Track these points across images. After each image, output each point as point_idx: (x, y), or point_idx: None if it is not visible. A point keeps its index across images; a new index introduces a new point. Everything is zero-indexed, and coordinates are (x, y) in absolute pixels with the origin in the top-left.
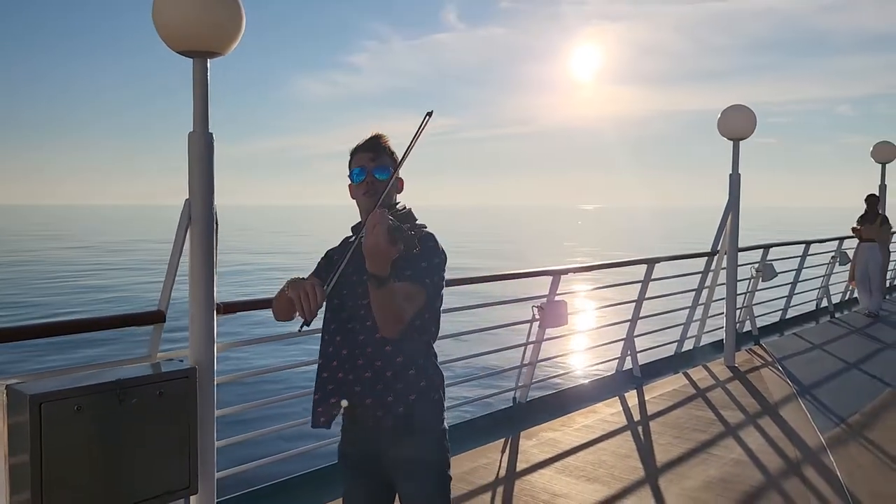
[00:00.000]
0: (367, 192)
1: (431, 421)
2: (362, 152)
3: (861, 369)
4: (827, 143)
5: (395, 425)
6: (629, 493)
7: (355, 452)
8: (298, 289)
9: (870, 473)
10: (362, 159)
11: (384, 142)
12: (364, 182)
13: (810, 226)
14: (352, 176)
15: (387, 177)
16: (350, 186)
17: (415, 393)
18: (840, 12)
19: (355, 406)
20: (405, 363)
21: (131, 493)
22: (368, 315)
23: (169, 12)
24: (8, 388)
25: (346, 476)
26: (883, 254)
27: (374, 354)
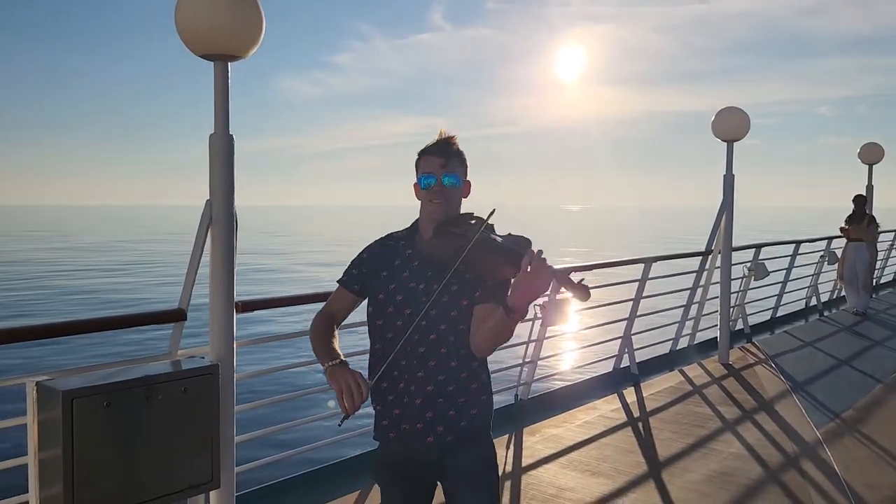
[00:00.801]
0: (435, 199)
1: (488, 434)
2: (432, 156)
3: (852, 366)
4: (807, 144)
5: (456, 440)
6: (634, 486)
7: (404, 462)
8: (341, 382)
9: (866, 466)
10: (432, 164)
11: (455, 145)
12: (433, 189)
13: (792, 226)
14: (420, 181)
15: (457, 184)
16: (415, 187)
17: (476, 407)
18: (819, 15)
19: (415, 420)
20: (469, 378)
21: (157, 488)
22: (432, 327)
23: (191, 17)
24: (38, 384)
25: (388, 482)
26: (870, 253)
27: (437, 368)
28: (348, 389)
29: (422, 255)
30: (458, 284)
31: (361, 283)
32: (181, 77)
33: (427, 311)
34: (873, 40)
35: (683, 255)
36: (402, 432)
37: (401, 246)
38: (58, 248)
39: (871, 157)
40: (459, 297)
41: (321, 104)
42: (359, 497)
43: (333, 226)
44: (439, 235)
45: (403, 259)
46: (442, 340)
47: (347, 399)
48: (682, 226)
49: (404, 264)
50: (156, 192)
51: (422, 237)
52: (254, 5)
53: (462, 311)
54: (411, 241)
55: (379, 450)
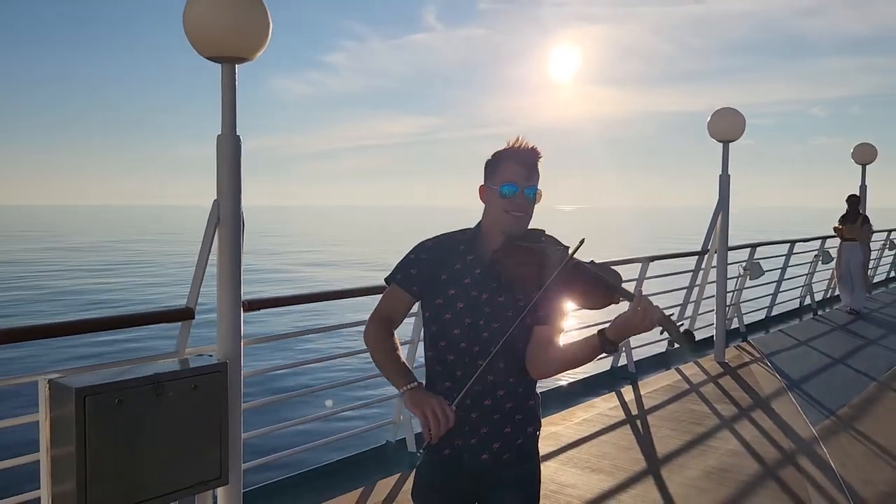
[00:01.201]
0: (517, 211)
1: (536, 450)
2: (517, 165)
3: (847, 364)
4: (801, 144)
5: (510, 457)
6: (633, 482)
7: (451, 478)
8: (426, 409)
9: (861, 462)
10: (516, 173)
11: (540, 158)
12: (515, 201)
13: (787, 226)
14: (501, 188)
15: (534, 196)
16: (484, 190)
17: (532, 425)
18: (814, 16)
19: (469, 436)
20: (525, 393)
21: (166, 484)
22: (493, 341)
23: (199, 20)
24: (51, 382)
25: (426, 490)
26: (864, 252)
27: (496, 383)
28: (434, 417)
29: (485, 264)
30: (525, 301)
31: (421, 283)
32: (177, 75)
33: (490, 324)
34: (870, 41)
35: (680, 254)
36: (456, 448)
37: (461, 249)
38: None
39: (864, 158)
40: (523, 312)
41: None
42: (362, 493)
43: (328, 226)
44: (516, 248)
45: (464, 264)
46: (501, 357)
47: (434, 427)
48: (676, 226)
49: (465, 270)
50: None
51: (487, 244)
52: (260, 8)
53: (523, 328)
54: (473, 247)
55: (423, 464)
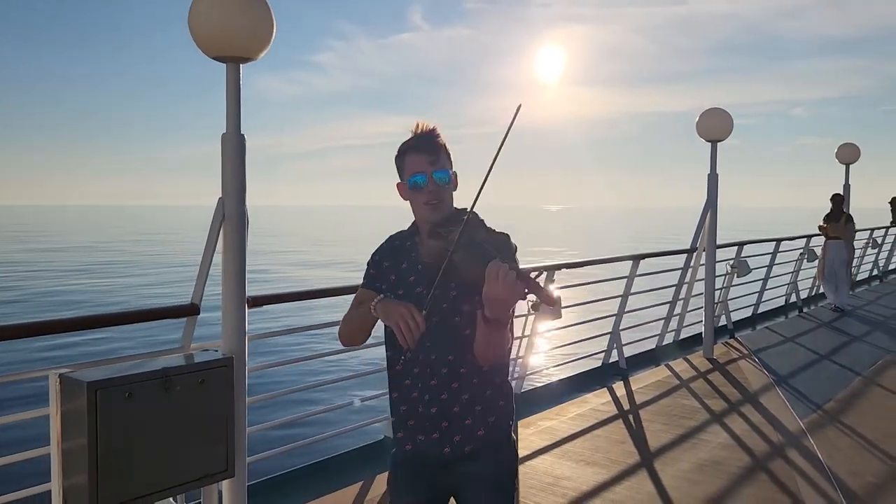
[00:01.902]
0: (431, 201)
1: (507, 439)
2: (417, 154)
3: (832, 360)
4: (785, 144)
5: (474, 449)
6: (628, 475)
7: (419, 473)
8: (397, 317)
9: (848, 454)
10: (419, 163)
11: (440, 137)
12: (425, 190)
13: (772, 226)
14: (409, 182)
15: (448, 180)
16: (401, 187)
17: (494, 414)
18: (796, 18)
19: (430, 430)
20: (481, 384)
21: (175, 476)
22: (442, 333)
23: (205, 20)
24: (62, 376)
25: (400, 486)
26: (848, 251)
27: (449, 376)
28: (405, 323)
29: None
30: (458, 289)
31: (380, 282)
32: (170, 75)
33: (429, 318)
34: (849, 43)
35: (669, 252)
36: (419, 444)
37: (407, 247)
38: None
39: (848, 158)
40: (459, 302)
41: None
42: (362, 487)
43: (316, 225)
44: (433, 238)
45: (409, 262)
46: (450, 348)
47: (407, 333)
48: (660, 226)
49: (410, 268)
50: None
51: (422, 238)
52: (265, 8)
53: (465, 316)
54: (414, 243)
55: (394, 460)
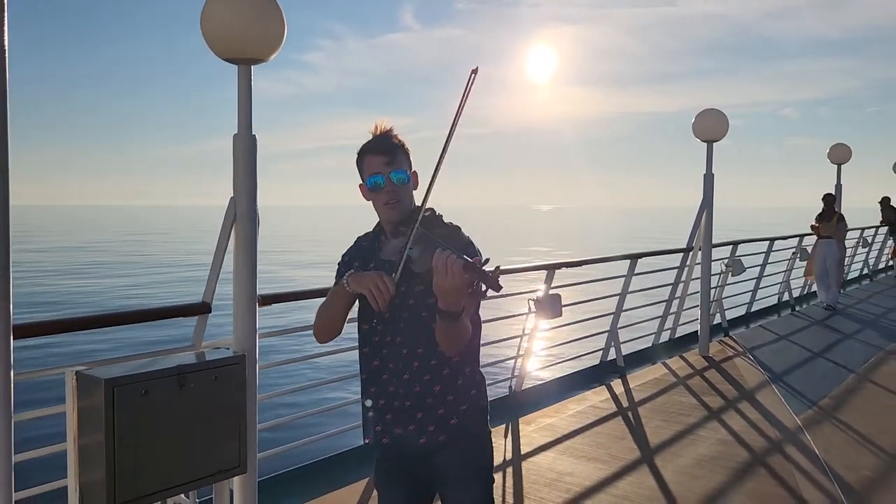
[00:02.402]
0: (390, 201)
1: (481, 427)
2: (374, 155)
3: (825, 357)
4: (775, 145)
5: (448, 438)
6: (629, 470)
7: (399, 465)
8: (368, 282)
9: (844, 449)
10: (376, 164)
11: (396, 137)
12: (384, 191)
13: (760, 227)
14: (368, 183)
15: (406, 179)
16: (362, 188)
17: (465, 403)
18: (784, 19)
19: (406, 423)
20: (452, 374)
21: (190, 472)
22: (410, 328)
23: (217, 23)
24: (78, 373)
25: (384, 482)
26: (840, 250)
27: (421, 368)
28: (377, 287)
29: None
30: (423, 284)
31: None
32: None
33: (402, 313)
34: (838, 44)
35: (666, 251)
36: (395, 436)
37: (374, 248)
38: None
39: (839, 158)
40: (426, 297)
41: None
42: (367, 484)
43: (306, 225)
44: (395, 237)
45: (377, 261)
46: (419, 342)
47: (378, 296)
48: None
49: (377, 267)
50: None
51: (387, 238)
52: (276, 11)
53: (431, 310)
54: (380, 243)
55: (378, 454)
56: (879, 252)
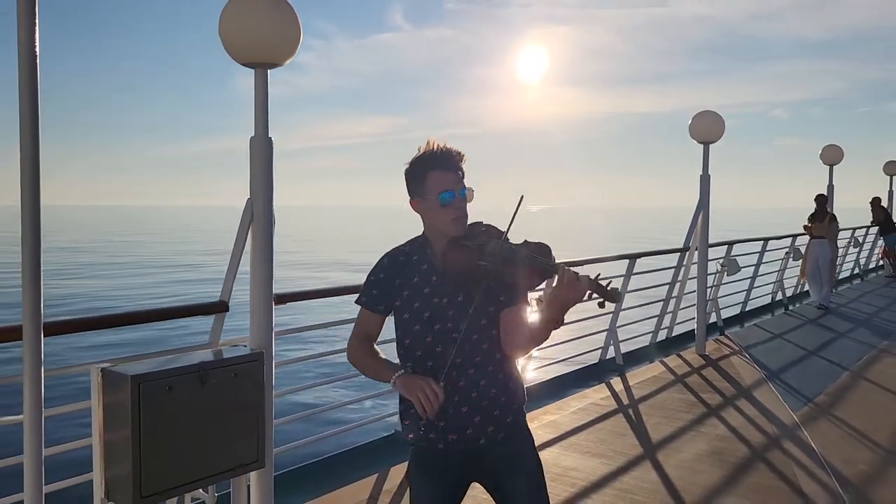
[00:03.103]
0: (459, 217)
1: (525, 422)
2: (445, 171)
3: (819, 356)
4: (765, 145)
5: (504, 436)
6: (632, 465)
7: (445, 459)
8: (416, 390)
9: (841, 444)
10: (447, 181)
11: (461, 156)
12: (453, 207)
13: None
14: (440, 199)
15: (470, 194)
16: (418, 202)
17: (516, 402)
18: (772, 20)
19: (464, 427)
20: (504, 377)
21: (211, 466)
22: (466, 338)
23: (235, 28)
24: (104, 370)
25: (425, 478)
26: (832, 249)
27: (477, 375)
28: (425, 396)
29: (438, 270)
30: (483, 293)
31: (384, 302)
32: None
33: (453, 324)
34: (827, 45)
35: (663, 251)
36: (451, 441)
37: (414, 261)
38: None
39: (831, 159)
40: (486, 306)
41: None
42: (378, 479)
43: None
44: (458, 249)
45: (421, 275)
46: (476, 349)
47: (427, 405)
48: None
49: (423, 280)
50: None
51: (434, 251)
52: (292, 16)
53: (490, 318)
54: (424, 256)
55: (418, 453)
56: (870, 252)
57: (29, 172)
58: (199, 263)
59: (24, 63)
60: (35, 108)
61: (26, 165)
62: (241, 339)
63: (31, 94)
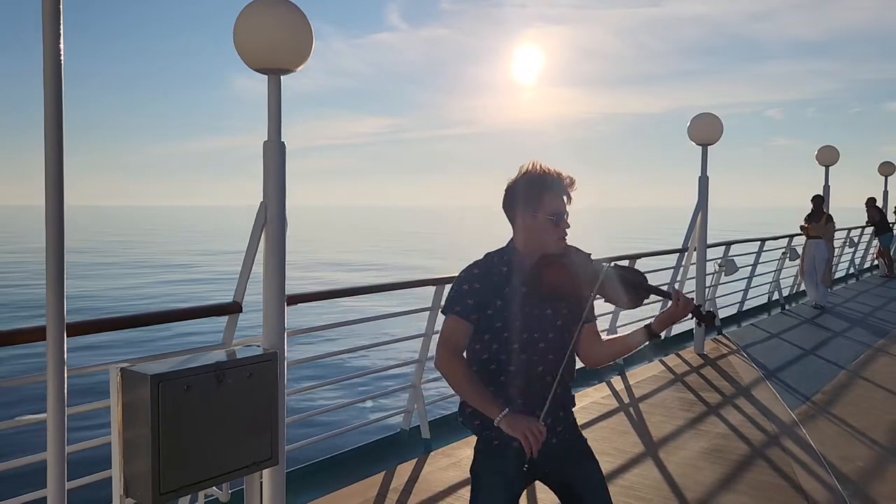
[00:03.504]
0: (563, 237)
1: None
2: (559, 195)
3: (816, 355)
4: (760, 145)
5: (569, 435)
6: (636, 463)
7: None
8: (524, 430)
9: (838, 442)
10: (561, 204)
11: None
12: (560, 227)
13: (748, 226)
14: (552, 218)
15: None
16: (531, 216)
17: (571, 402)
18: (768, 21)
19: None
20: (568, 381)
21: (227, 463)
22: (550, 349)
23: (250, 36)
24: (123, 370)
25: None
26: (828, 249)
27: (551, 380)
28: (533, 436)
29: (528, 282)
30: (568, 308)
31: (478, 311)
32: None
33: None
34: (821, 46)
35: (663, 252)
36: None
37: (504, 272)
38: None
39: (827, 160)
40: (572, 320)
41: None
42: (385, 477)
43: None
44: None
45: (511, 286)
46: (559, 359)
47: (535, 443)
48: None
49: (513, 291)
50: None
51: (527, 264)
52: (305, 24)
53: (571, 332)
54: (514, 268)
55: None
56: (865, 252)
57: (53, 176)
58: (192, 263)
59: (48, 68)
60: (59, 112)
61: (50, 169)
62: (253, 340)
63: (56, 101)
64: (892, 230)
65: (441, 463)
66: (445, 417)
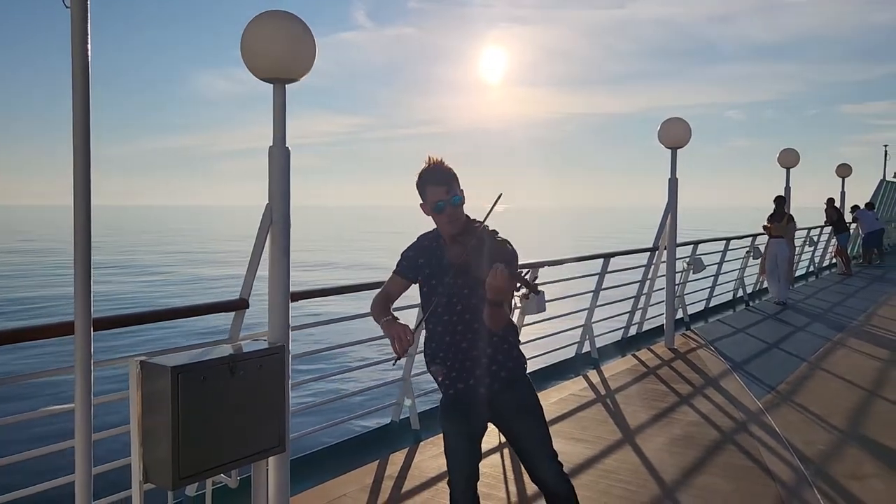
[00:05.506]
0: (451, 221)
1: (525, 378)
2: (435, 186)
3: (780, 348)
4: (720, 145)
5: (500, 387)
6: (613, 449)
7: (463, 409)
8: (392, 331)
9: (801, 427)
10: (438, 193)
11: (450, 169)
12: (445, 213)
13: (715, 225)
14: (433, 209)
15: (460, 201)
16: (424, 207)
17: (511, 361)
18: (726, 23)
19: (468, 378)
20: (500, 340)
21: (240, 450)
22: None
23: (256, 47)
24: (142, 362)
25: (450, 421)
26: (790, 248)
27: (476, 338)
28: (398, 336)
29: (445, 258)
30: (474, 278)
31: (412, 273)
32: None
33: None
34: (778, 48)
35: (635, 251)
36: (459, 390)
37: (433, 247)
38: None
39: (788, 162)
40: (477, 288)
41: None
42: (379, 465)
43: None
44: (454, 245)
45: (436, 258)
46: (475, 318)
47: (399, 344)
48: (603, 224)
49: (437, 263)
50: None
51: (446, 244)
52: (308, 35)
53: (480, 298)
54: (438, 244)
55: (443, 402)
56: (824, 251)
57: (81, 175)
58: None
59: (77, 72)
60: (86, 115)
61: (79, 169)
62: (260, 334)
63: (83, 104)
64: (849, 230)
65: (431, 452)
66: (434, 410)
